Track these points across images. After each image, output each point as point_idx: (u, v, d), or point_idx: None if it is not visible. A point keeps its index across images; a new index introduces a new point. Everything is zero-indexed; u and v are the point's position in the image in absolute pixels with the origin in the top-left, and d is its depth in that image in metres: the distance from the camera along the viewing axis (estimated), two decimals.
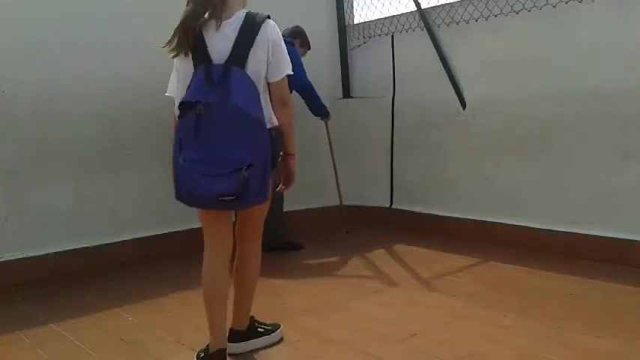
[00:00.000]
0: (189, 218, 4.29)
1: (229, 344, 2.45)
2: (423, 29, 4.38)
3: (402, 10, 4.55)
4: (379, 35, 4.78)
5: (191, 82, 2.20)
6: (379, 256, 3.98)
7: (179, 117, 2.25)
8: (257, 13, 2.26)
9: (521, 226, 3.88)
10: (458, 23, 4.15)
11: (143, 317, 3.01)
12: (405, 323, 2.79)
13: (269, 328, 2.67)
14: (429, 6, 4.34)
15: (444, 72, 4.24)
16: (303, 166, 4.42)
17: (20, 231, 3.65)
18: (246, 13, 2.24)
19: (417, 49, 4.47)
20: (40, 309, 3.18)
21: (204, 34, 2.23)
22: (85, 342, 2.71)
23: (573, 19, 3.55)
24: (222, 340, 2.38)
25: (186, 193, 2.22)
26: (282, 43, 2.30)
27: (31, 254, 3.67)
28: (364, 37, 4.93)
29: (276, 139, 2.26)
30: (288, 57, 2.31)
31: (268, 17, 2.27)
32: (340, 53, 5.05)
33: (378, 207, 4.85)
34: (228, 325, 2.51)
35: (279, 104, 2.30)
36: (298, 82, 4.10)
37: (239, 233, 2.50)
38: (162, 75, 4.14)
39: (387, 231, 4.57)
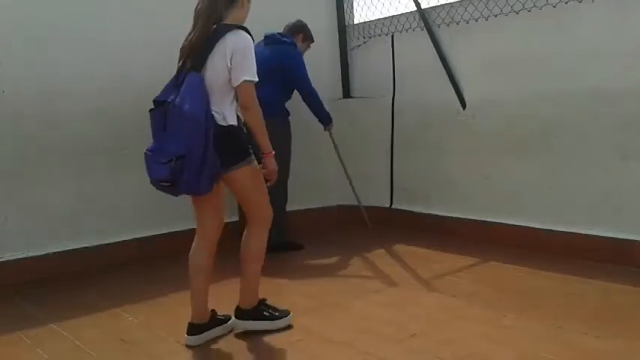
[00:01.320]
0: (189, 218, 4.28)
1: (235, 319, 2.71)
2: (423, 29, 4.38)
3: (402, 10, 4.55)
4: (379, 35, 4.78)
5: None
6: (379, 256, 3.99)
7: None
8: (228, 25, 2.47)
9: (521, 226, 3.88)
10: (458, 23, 4.15)
11: (143, 317, 3.02)
12: (405, 323, 2.79)
13: (275, 314, 2.74)
14: (429, 6, 4.35)
15: (444, 72, 4.24)
16: (303, 166, 4.48)
17: (20, 231, 3.65)
18: (216, 26, 2.48)
19: (417, 49, 4.48)
20: (40, 309, 3.18)
21: None
22: (85, 342, 2.71)
23: (573, 19, 3.55)
24: (195, 313, 2.63)
25: (149, 178, 2.54)
26: (246, 51, 2.45)
27: (31, 254, 3.67)
28: (364, 37, 4.93)
29: (229, 135, 2.48)
30: (252, 64, 2.47)
31: (240, 28, 2.48)
32: (340, 53, 5.05)
33: (378, 207, 4.85)
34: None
35: (241, 107, 2.51)
36: (305, 87, 4.11)
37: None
38: (162, 74, 4.13)
39: (387, 231, 4.57)
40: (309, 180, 4.36)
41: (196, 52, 2.46)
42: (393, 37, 4.68)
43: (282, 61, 4.01)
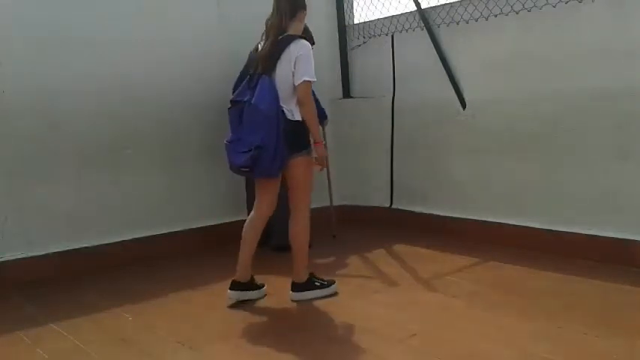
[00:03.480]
0: (189, 218, 4.33)
1: (292, 293, 3.17)
2: (423, 29, 4.38)
3: (402, 10, 4.55)
4: (379, 35, 4.78)
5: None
6: (379, 255, 3.99)
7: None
8: (292, 36, 2.97)
9: (521, 226, 3.88)
10: (458, 23, 4.15)
11: (143, 317, 3.02)
12: (406, 323, 2.79)
13: (324, 282, 3.25)
14: (429, 6, 4.35)
15: (444, 72, 4.24)
16: None
17: (20, 231, 3.65)
18: (282, 37, 2.96)
19: (417, 49, 4.47)
20: (40, 309, 3.18)
21: None
22: (85, 342, 2.71)
23: (573, 19, 3.55)
24: (239, 273, 3.15)
25: (228, 164, 3.03)
26: (306, 56, 2.94)
27: (31, 254, 3.67)
28: (364, 37, 4.93)
29: (295, 128, 2.96)
30: (311, 67, 2.95)
31: (301, 38, 2.98)
32: (340, 53, 5.06)
33: (378, 207, 4.85)
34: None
35: (298, 102, 2.98)
36: None
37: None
38: (162, 74, 4.19)
39: (387, 231, 4.57)
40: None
41: (267, 59, 2.94)
42: (393, 37, 4.68)
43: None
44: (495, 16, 3.90)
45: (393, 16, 4.64)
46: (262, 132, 2.85)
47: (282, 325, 2.86)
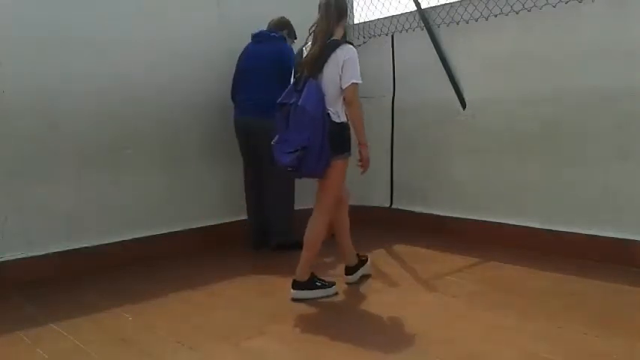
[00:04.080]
0: (189, 218, 4.33)
1: (293, 291, 3.18)
2: (423, 29, 4.38)
3: (402, 10, 4.56)
4: (379, 35, 4.78)
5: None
6: (379, 255, 3.98)
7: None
8: (337, 41, 3.08)
9: (521, 226, 3.88)
10: (458, 23, 4.15)
11: (143, 317, 3.01)
12: (406, 323, 2.79)
13: (325, 283, 3.26)
14: (429, 6, 4.35)
15: (444, 72, 4.24)
16: None
17: (20, 231, 3.64)
18: (328, 41, 3.06)
19: (417, 49, 4.48)
20: (40, 309, 3.18)
21: None
22: (86, 342, 2.71)
23: (573, 19, 3.56)
24: (347, 258, 3.47)
25: (277, 163, 3.10)
26: (353, 60, 3.04)
27: (31, 254, 3.67)
28: (364, 37, 4.93)
29: (340, 130, 3.08)
30: (357, 70, 3.05)
31: (347, 42, 3.10)
32: None
33: (378, 207, 4.85)
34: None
35: (345, 103, 3.10)
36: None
37: None
38: (162, 74, 4.19)
39: (387, 231, 4.57)
40: (307, 180, 4.35)
41: (315, 62, 3.03)
42: (393, 37, 4.69)
43: (275, 58, 4.03)
44: (495, 16, 3.90)
45: (393, 16, 4.64)
46: (308, 133, 2.95)
47: (282, 326, 2.85)
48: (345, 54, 3.04)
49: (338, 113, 3.08)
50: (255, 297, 3.34)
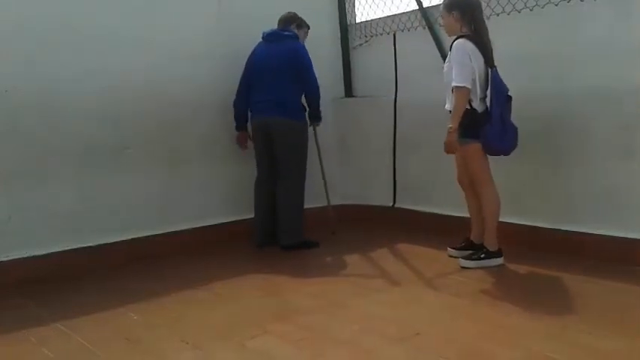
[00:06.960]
0: (189, 218, 4.32)
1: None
2: (425, 28, 4.38)
3: (403, 8, 4.55)
4: (381, 34, 4.77)
5: (494, 78, 3.49)
6: (382, 254, 3.99)
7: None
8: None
9: (523, 225, 3.88)
10: None
11: (147, 316, 3.02)
12: (409, 322, 2.79)
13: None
14: (430, 4, 4.34)
15: None
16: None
17: (23, 230, 3.65)
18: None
19: (419, 48, 4.47)
20: (45, 308, 3.18)
21: None
22: (90, 341, 2.71)
23: (575, 18, 3.55)
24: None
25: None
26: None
27: (34, 253, 3.67)
28: (366, 36, 4.92)
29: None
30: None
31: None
32: (342, 52, 5.06)
33: (380, 206, 4.85)
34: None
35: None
36: (314, 79, 4.17)
37: None
38: (163, 74, 4.18)
39: (389, 230, 4.56)
40: (310, 179, 4.36)
41: (492, 54, 3.49)
42: (394, 36, 4.68)
43: (291, 57, 4.05)
44: (497, 14, 3.90)
45: (394, 15, 4.63)
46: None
47: (286, 325, 2.85)
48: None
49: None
50: (259, 296, 3.34)
